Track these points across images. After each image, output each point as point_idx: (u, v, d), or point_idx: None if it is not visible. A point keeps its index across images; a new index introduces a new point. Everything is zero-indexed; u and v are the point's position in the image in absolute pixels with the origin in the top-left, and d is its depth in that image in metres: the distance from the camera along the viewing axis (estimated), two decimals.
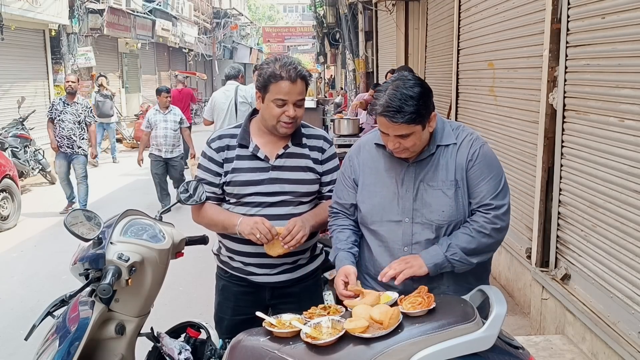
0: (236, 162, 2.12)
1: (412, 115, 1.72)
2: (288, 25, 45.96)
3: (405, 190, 1.87)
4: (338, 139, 6.86)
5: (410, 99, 1.72)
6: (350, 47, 13.67)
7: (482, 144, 1.89)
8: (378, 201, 1.91)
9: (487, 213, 1.83)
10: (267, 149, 2.13)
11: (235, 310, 2.26)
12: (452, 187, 1.84)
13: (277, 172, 2.12)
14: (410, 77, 1.80)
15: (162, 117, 7.00)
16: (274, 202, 2.12)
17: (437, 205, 1.84)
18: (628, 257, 2.63)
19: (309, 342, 1.58)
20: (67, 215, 2.00)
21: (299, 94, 2.03)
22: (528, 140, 3.78)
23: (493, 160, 1.89)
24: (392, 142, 1.80)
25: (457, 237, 1.82)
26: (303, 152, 2.16)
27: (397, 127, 1.74)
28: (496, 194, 1.84)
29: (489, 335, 1.54)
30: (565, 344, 3.03)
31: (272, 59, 2.07)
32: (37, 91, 11.03)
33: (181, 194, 2.20)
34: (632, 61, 2.57)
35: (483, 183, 1.84)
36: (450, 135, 1.89)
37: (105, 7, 13.01)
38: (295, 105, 2.03)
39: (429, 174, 1.86)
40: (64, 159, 7.03)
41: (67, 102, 7.02)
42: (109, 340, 2.00)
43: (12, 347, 3.66)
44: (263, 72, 2.03)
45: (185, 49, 22.35)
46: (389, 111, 1.72)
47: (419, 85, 1.76)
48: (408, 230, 1.87)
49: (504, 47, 4.21)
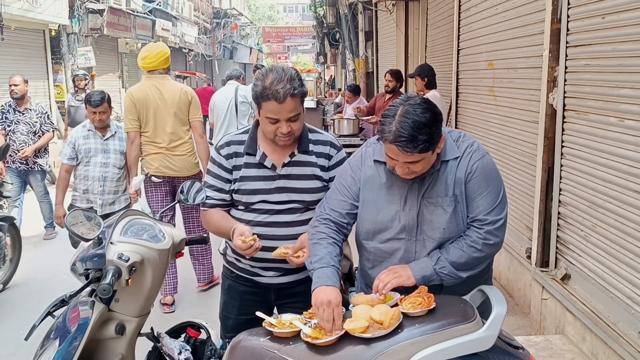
0: (244, 170, 2.11)
1: (425, 145, 1.65)
2: (288, 25, 45.97)
3: (409, 209, 1.82)
4: (338, 139, 6.85)
5: (423, 126, 1.64)
6: (350, 47, 13.68)
7: (482, 155, 1.82)
8: (380, 219, 1.86)
9: (481, 228, 1.78)
10: (274, 157, 2.11)
11: (240, 310, 2.26)
12: (452, 204, 1.79)
13: (284, 181, 2.11)
14: (419, 101, 1.71)
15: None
16: (282, 210, 2.12)
17: (438, 223, 1.80)
18: (628, 257, 2.63)
19: (309, 342, 1.58)
20: (67, 215, 2.00)
21: (289, 112, 1.95)
22: (528, 140, 3.78)
23: (492, 172, 1.82)
24: (401, 168, 1.73)
25: (448, 251, 1.79)
26: (309, 160, 2.13)
27: (408, 156, 1.68)
28: (492, 209, 1.78)
29: (489, 335, 1.54)
30: (565, 344, 3.03)
31: (266, 71, 1.98)
32: (37, 91, 11.01)
33: (181, 194, 2.21)
34: (632, 61, 2.56)
35: (480, 198, 1.79)
36: (453, 149, 1.82)
37: (105, 7, 13.00)
38: (289, 121, 1.97)
39: (430, 189, 1.81)
40: (17, 177, 5.84)
41: (18, 108, 5.83)
42: (109, 340, 2.00)
43: (12, 347, 3.66)
44: (256, 86, 1.97)
45: (185, 49, 22.35)
46: (401, 141, 1.64)
47: (429, 111, 1.68)
48: (411, 247, 1.84)
49: (504, 47, 4.21)
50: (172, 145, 4.11)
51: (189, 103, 4.17)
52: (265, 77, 1.95)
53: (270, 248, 2.08)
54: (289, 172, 2.11)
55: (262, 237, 2.08)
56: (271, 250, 2.08)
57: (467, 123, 5.27)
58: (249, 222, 2.13)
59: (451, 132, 1.89)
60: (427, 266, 1.78)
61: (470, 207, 1.80)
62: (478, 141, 1.90)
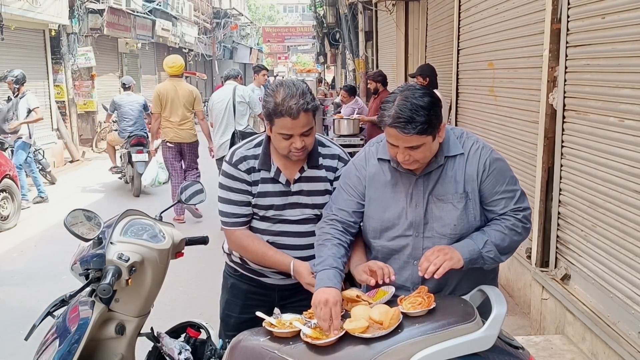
0: (261, 185, 2.08)
1: (423, 126, 1.67)
2: (288, 25, 45.97)
3: (415, 205, 1.84)
4: (338, 139, 6.87)
5: (421, 109, 1.68)
6: (350, 47, 13.68)
7: (490, 150, 1.85)
8: (387, 217, 1.87)
9: (517, 214, 1.83)
10: (287, 172, 2.08)
11: (243, 309, 2.25)
12: (462, 200, 1.81)
13: (296, 197, 2.09)
14: (419, 87, 1.76)
15: None
16: (296, 221, 2.11)
17: (448, 219, 1.81)
18: (628, 257, 2.63)
19: (308, 342, 1.58)
20: (67, 215, 2.00)
21: (303, 127, 1.92)
22: (528, 140, 3.78)
23: (504, 165, 1.86)
24: (402, 154, 1.75)
25: (490, 234, 1.81)
26: (319, 175, 2.10)
27: (407, 138, 1.70)
28: (518, 198, 1.84)
29: (489, 335, 1.54)
30: (565, 344, 3.03)
31: (276, 86, 1.95)
32: (37, 91, 10.99)
33: (181, 195, 2.21)
34: (632, 61, 2.57)
35: (502, 192, 1.82)
36: (456, 145, 1.85)
37: (105, 7, 12.99)
38: (302, 136, 1.94)
39: (438, 187, 1.83)
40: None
41: None
42: (109, 340, 2.00)
43: (12, 347, 3.66)
44: (267, 102, 1.93)
45: (185, 49, 22.34)
46: (400, 122, 1.68)
47: (428, 95, 1.72)
48: (418, 244, 1.85)
49: (504, 47, 4.21)
50: (180, 123, 6.37)
51: (194, 99, 6.48)
52: (276, 92, 1.92)
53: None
54: (301, 188, 2.09)
55: (275, 246, 2.09)
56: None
57: (467, 123, 5.27)
58: (263, 230, 2.12)
59: (453, 129, 1.91)
60: (474, 249, 1.77)
61: (493, 202, 1.83)
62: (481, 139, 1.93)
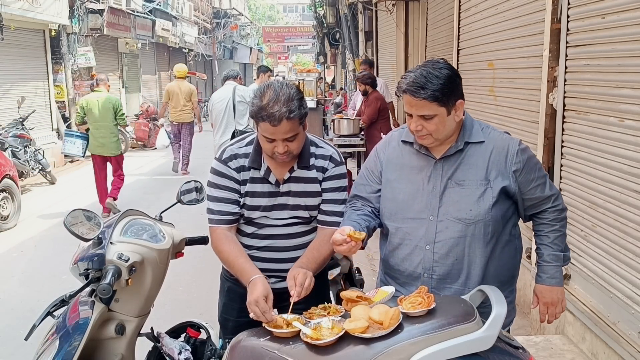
0: (250, 185, 2.04)
1: (435, 93, 1.73)
2: (288, 25, 46.00)
3: (432, 188, 1.85)
4: (338, 139, 6.86)
5: (436, 78, 1.74)
6: (350, 47, 13.68)
7: (518, 141, 1.89)
8: (402, 198, 1.89)
9: (554, 205, 1.92)
10: (277, 172, 2.04)
11: (241, 312, 2.20)
12: (482, 187, 1.82)
13: (285, 198, 2.05)
14: (442, 61, 1.82)
15: None
16: (282, 225, 2.08)
17: (465, 204, 1.82)
18: (628, 257, 2.63)
19: (308, 342, 1.58)
20: (67, 215, 2.00)
21: (285, 133, 1.87)
22: (528, 140, 3.77)
23: (530, 152, 1.90)
24: (415, 123, 1.79)
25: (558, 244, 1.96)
26: (309, 176, 2.05)
27: (420, 103, 1.74)
28: (550, 186, 1.92)
29: (489, 335, 1.54)
30: (565, 344, 3.03)
31: (264, 89, 1.90)
32: (37, 91, 11.01)
33: (182, 195, 2.21)
34: (632, 61, 2.57)
35: (536, 178, 1.87)
36: (478, 133, 1.87)
37: (105, 7, 12.99)
38: (286, 141, 1.89)
39: (458, 172, 1.84)
40: None
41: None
42: (109, 340, 2.00)
43: (12, 347, 3.67)
44: (253, 103, 1.89)
45: (185, 49, 22.33)
46: (414, 86, 1.74)
47: (447, 69, 1.78)
48: (432, 227, 1.85)
49: (504, 47, 4.21)
50: (180, 109, 9.61)
51: (191, 93, 9.69)
52: (262, 95, 1.88)
53: (272, 259, 2.08)
54: (290, 189, 2.05)
55: (263, 249, 2.08)
56: (274, 260, 2.07)
57: None
58: (249, 234, 2.10)
59: (480, 122, 1.95)
60: (558, 270, 2.01)
61: (532, 191, 1.88)
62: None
